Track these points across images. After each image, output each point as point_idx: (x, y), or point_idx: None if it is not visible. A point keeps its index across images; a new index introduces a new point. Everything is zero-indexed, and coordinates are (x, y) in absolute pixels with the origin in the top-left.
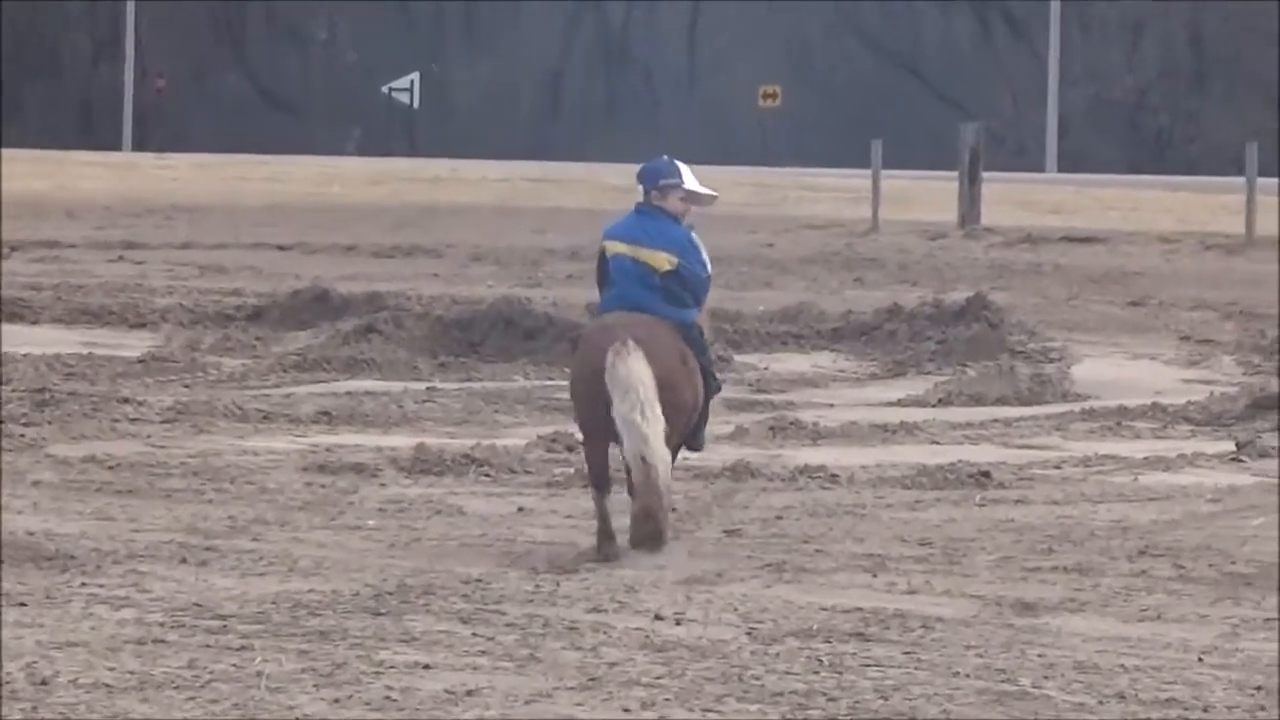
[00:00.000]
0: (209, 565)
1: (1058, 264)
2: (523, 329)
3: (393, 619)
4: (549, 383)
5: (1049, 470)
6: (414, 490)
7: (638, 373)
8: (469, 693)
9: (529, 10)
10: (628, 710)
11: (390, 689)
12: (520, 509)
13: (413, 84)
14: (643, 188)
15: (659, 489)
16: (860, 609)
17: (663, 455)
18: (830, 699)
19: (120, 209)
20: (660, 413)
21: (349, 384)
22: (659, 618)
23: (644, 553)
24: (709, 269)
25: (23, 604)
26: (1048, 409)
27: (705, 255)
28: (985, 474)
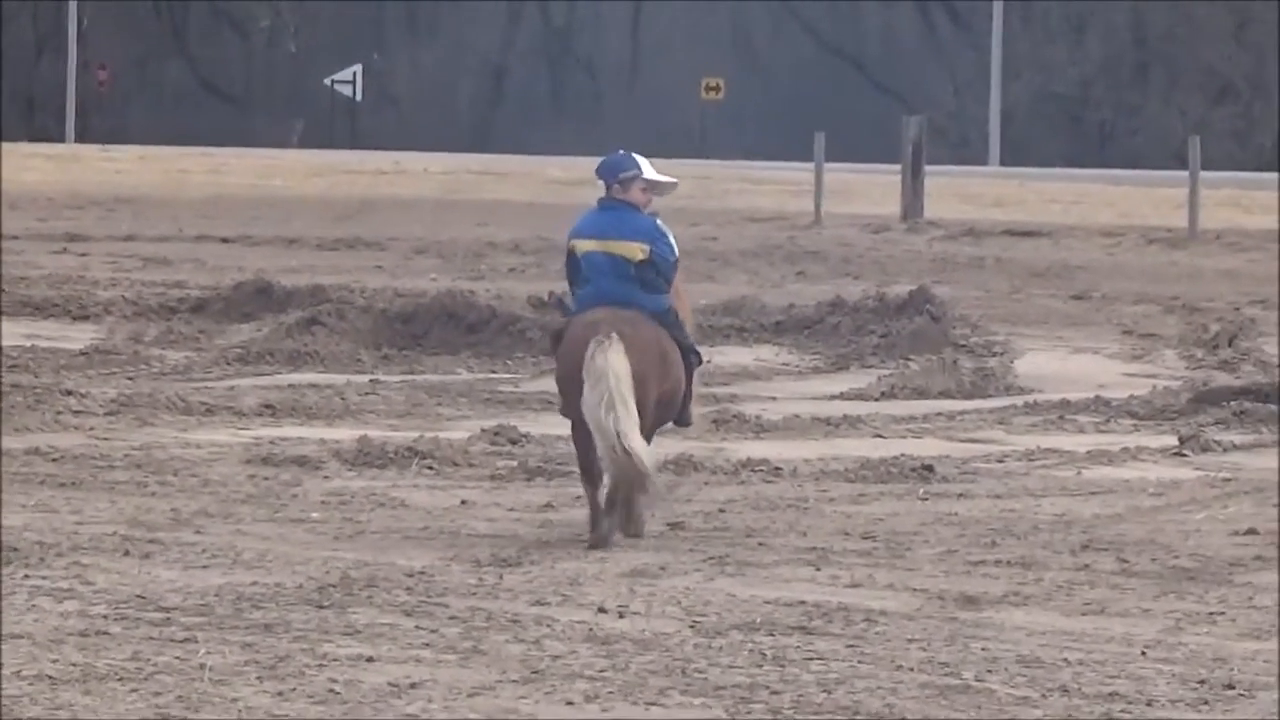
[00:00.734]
0: (152, 558)
1: (1000, 257)
2: (466, 322)
3: (336, 612)
4: (492, 376)
5: (992, 464)
6: (357, 483)
7: (613, 365)
8: (412, 685)
9: (471, 3)
10: (571, 703)
11: (334, 681)
12: (463, 502)
13: (355, 76)
14: (603, 182)
15: (644, 475)
16: (803, 602)
17: (641, 446)
18: (773, 692)
19: (63, 201)
20: (632, 405)
21: (292, 376)
22: (602, 611)
23: (628, 536)
24: (676, 253)
25: None
26: (991, 403)
27: (673, 240)
28: (928, 467)
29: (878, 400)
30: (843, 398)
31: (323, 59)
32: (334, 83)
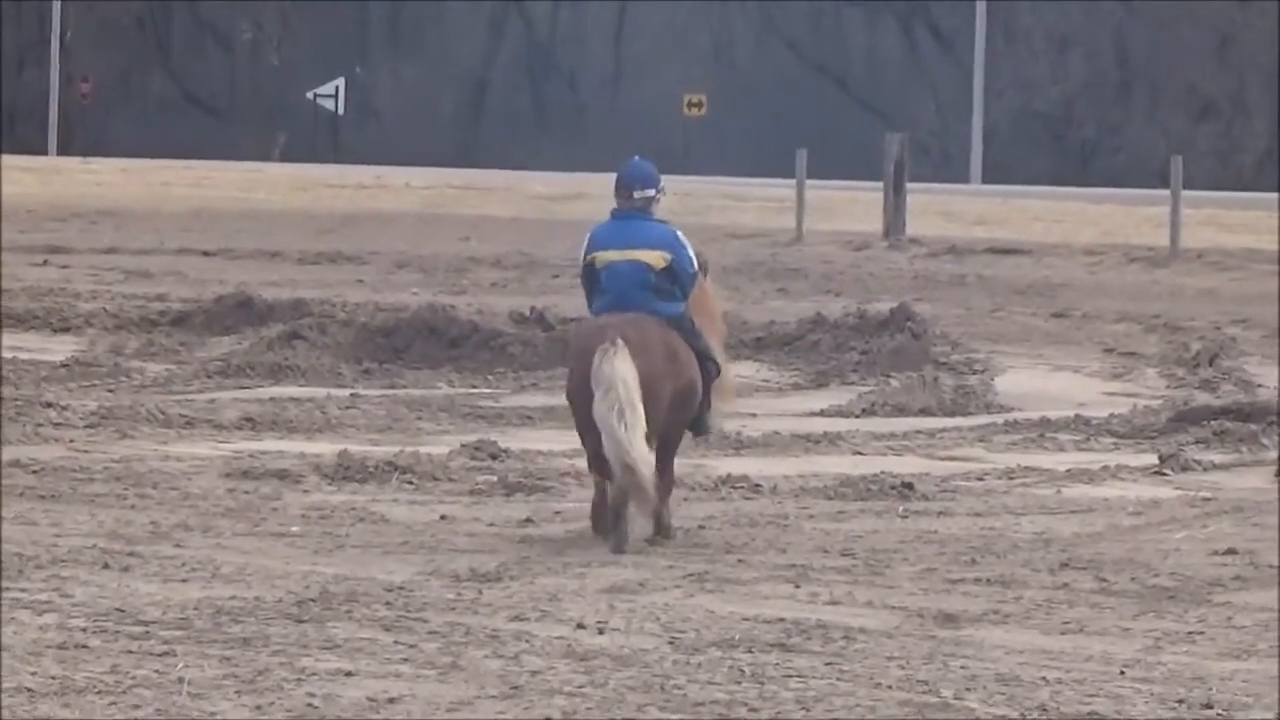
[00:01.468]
0: (131, 571)
1: (982, 275)
2: (447, 337)
3: (315, 626)
4: (473, 391)
5: (972, 482)
6: (337, 497)
7: (621, 372)
8: (391, 700)
9: (453, 16)
10: (549, 719)
11: (312, 696)
12: (443, 517)
13: (337, 90)
14: (627, 191)
15: (643, 488)
16: (783, 619)
17: (642, 455)
18: (752, 709)
19: (45, 213)
20: (641, 412)
21: (273, 390)
22: (581, 626)
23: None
24: (695, 266)
25: None
26: (971, 420)
27: (692, 253)
28: (908, 485)
29: (858, 417)
30: (823, 414)
31: (305, 72)
32: (316, 96)
